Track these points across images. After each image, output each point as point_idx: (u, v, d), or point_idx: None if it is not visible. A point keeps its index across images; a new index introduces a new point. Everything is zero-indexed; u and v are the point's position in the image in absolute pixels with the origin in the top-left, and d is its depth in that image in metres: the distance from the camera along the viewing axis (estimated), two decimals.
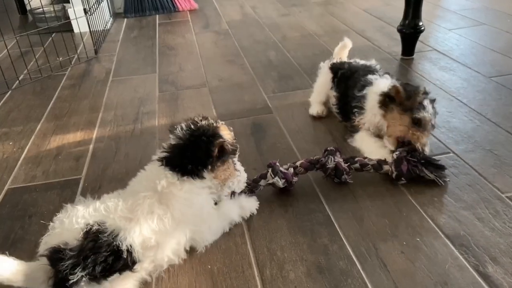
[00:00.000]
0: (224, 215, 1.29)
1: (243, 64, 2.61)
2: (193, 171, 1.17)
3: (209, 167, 1.18)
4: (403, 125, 1.48)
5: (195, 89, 2.31)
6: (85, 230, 1.03)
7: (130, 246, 1.04)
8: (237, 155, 1.28)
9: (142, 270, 1.11)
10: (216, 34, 3.21)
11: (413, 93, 1.47)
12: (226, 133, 1.24)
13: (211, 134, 1.19)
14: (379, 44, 2.71)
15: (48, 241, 1.05)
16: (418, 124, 1.46)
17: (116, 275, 1.03)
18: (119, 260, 1.03)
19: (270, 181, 1.41)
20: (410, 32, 2.39)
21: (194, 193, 1.18)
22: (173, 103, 2.16)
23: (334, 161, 1.43)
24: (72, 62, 2.76)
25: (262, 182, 1.41)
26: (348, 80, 1.76)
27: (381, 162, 1.46)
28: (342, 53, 2.05)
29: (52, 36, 3.15)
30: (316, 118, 1.93)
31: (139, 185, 1.17)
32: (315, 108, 1.93)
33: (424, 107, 1.45)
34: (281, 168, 1.42)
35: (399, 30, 2.44)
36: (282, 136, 1.81)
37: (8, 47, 2.80)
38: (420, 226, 1.27)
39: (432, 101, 1.51)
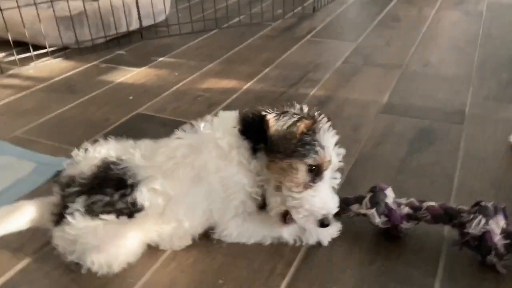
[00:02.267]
0: (270, 223, 0.94)
1: (471, 55, 1.95)
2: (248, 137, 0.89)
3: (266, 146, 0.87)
4: None
5: (384, 69, 1.85)
6: (101, 160, 0.90)
7: (137, 185, 0.86)
8: (324, 172, 0.88)
9: (147, 231, 0.90)
10: (464, 15, 2.54)
11: None
12: (302, 126, 0.86)
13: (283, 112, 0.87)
14: None
15: (68, 171, 0.94)
16: None
17: (112, 216, 0.86)
18: (122, 198, 0.86)
19: (363, 211, 0.94)
20: None
21: (239, 161, 0.89)
22: (345, 78, 1.78)
23: (484, 226, 0.84)
24: (286, 16, 2.63)
25: (355, 208, 0.96)
26: None
27: None
28: None
29: None
30: None
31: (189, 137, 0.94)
32: None
33: None
34: (389, 200, 0.93)
35: None
36: (450, 158, 1.23)
37: None
38: None
39: None
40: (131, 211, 0.86)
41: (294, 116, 0.86)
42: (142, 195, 0.86)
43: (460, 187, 1.11)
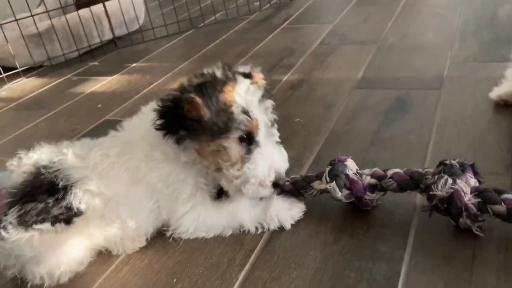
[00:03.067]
0: (229, 213, 0.87)
1: (451, 20, 1.86)
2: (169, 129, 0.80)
3: (184, 133, 0.79)
4: None
5: (360, 45, 1.78)
6: (32, 166, 0.84)
7: (72, 187, 0.80)
8: (257, 137, 0.81)
9: (90, 236, 0.84)
10: None
11: None
12: (226, 95, 0.78)
13: (198, 85, 0.78)
14: None
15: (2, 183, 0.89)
16: None
17: (47, 225, 0.80)
18: (56, 204, 0.80)
19: (323, 187, 0.87)
20: None
21: (168, 158, 0.83)
22: (320, 59, 1.71)
23: (452, 186, 0.76)
24: (263, 8, 2.57)
25: (316, 185, 0.89)
26: None
27: None
28: None
29: None
30: (501, 107, 1.16)
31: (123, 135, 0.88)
32: (502, 89, 1.15)
33: None
34: (350, 171, 0.86)
35: None
36: (426, 125, 1.15)
37: None
38: None
39: None
40: (68, 216, 0.80)
41: (213, 86, 0.78)
42: (77, 198, 0.80)
43: (436, 153, 1.03)
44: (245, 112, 0.78)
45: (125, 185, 0.82)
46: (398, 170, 0.85)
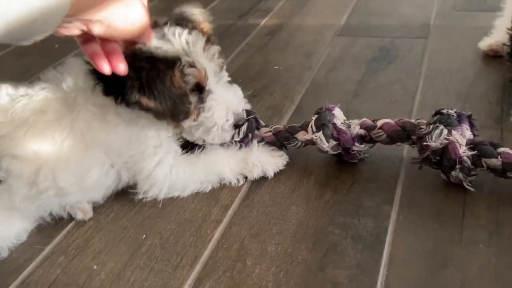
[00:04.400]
0: (205, 165, 0.80)
1: None
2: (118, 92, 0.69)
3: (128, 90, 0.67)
4: None
5: None
6: None
7: None
8: (207, 86, 0.74)
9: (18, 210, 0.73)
10: None
11: None
12: (176, 84, 0.69)
13: (143, 82, 0.67)
14: None
15: None
16: None
17: None
18: None
19: (309, 137, 0.80)
20: None
21: (124, 120, 0.72)
22: (300, 4, 1.60)
23: (446, 137, 0.71)
24: None
25: (300, 136, 0.82)
26: None
27: None
28: None
29: None
30: (489, 57, 1.11)
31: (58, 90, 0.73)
32: (492, 39, 1.09)
33: None
34: (338, 121, 0.79)
35: None
36: (412, 75, 1.09)
37: None
38: None
39: None
40: None
41: (159, 77, 0.68)
42: None
43: (423, 104, 0.98)
44: (191, 64, 0.70)
45: (68, 149, 0.71)
46: (388, 120, 0.79)
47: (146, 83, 0.66)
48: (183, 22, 0.73)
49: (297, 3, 1.61)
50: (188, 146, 0.82)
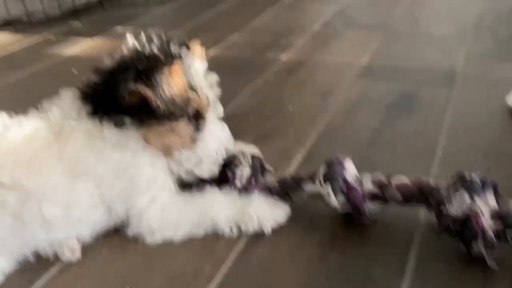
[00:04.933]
0: (200, 207, 0.75)
1: (467, 9, 1.72)
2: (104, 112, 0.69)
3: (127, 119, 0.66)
4: None
5: (367, 30, 1.65)
6: None
7: None
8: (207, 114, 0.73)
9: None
10: None
11: None
12: (176, 78, 0.68)
13: (140, 70, 0.67)
14: None
15: None
16: None
17: None
18: None
19: (316, 190, 0.74)
20: None
21: (111, 143, 0.70)
22: (321, 42, 1.57)
23: (466, 204, 0.64)
24: None
25: (309, 187, 0.76)
26: None
27: None
28: None
29: None
30: None
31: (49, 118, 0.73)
32: None
33: None
34: (348, 175, 0.73)
35: None
36: (434, 126, 1.02)
37: None
38: None
39: None
40: None
41: (159, 70, 0.67)
42: None
43: (444, 160, 0.91)
44: (193, 88, 0.70)
45: (56, 179, 0.68)
46: (404, 178, 0.72)
47: (143, 72, 0.66)
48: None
49: (319, 40, 1.58)
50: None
